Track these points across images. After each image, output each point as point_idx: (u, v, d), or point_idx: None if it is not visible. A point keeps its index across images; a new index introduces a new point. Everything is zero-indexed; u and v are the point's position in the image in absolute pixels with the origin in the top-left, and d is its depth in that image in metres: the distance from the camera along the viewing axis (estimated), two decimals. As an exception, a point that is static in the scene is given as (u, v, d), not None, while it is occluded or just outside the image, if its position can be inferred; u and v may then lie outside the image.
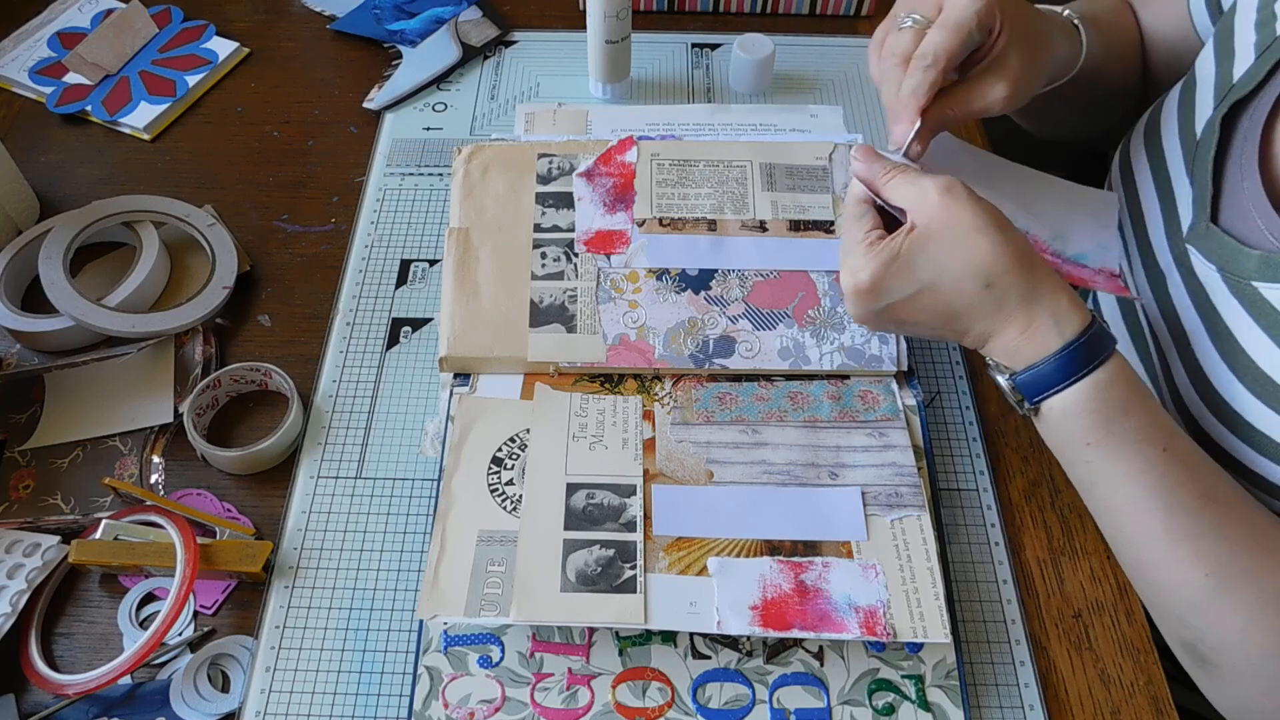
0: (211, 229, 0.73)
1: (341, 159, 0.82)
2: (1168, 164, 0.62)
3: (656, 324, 0.65)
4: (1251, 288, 0.53)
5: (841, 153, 0.72)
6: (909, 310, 0.54)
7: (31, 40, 0.89)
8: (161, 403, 0.66)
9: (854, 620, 0.52)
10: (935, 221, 0.51)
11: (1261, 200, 0.54)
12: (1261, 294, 0.52)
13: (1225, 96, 0.58)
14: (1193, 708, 0.69)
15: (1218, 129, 0.57)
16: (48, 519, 0.61)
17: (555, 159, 0.72)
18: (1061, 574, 0.60)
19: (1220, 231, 0.55)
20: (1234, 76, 0.58)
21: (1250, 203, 0.55)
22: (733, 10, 0.93)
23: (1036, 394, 0.52)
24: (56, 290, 0.67)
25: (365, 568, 0.59)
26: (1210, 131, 0.57)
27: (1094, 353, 0.50)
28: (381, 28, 0.91)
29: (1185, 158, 0.60)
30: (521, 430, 0.61)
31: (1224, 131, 0.57)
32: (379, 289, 0.72)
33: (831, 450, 0.60)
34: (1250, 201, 0.55)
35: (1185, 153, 0.60)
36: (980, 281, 0.51)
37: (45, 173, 0.80)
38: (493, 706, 0.53)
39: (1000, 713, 0.54)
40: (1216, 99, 0.59)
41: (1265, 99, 0.56)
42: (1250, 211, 0.54)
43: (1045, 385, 0.51)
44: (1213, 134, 0.57)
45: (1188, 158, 0.60)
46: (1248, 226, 0.54)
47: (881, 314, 0.55)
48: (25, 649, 0.56)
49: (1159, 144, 0.63)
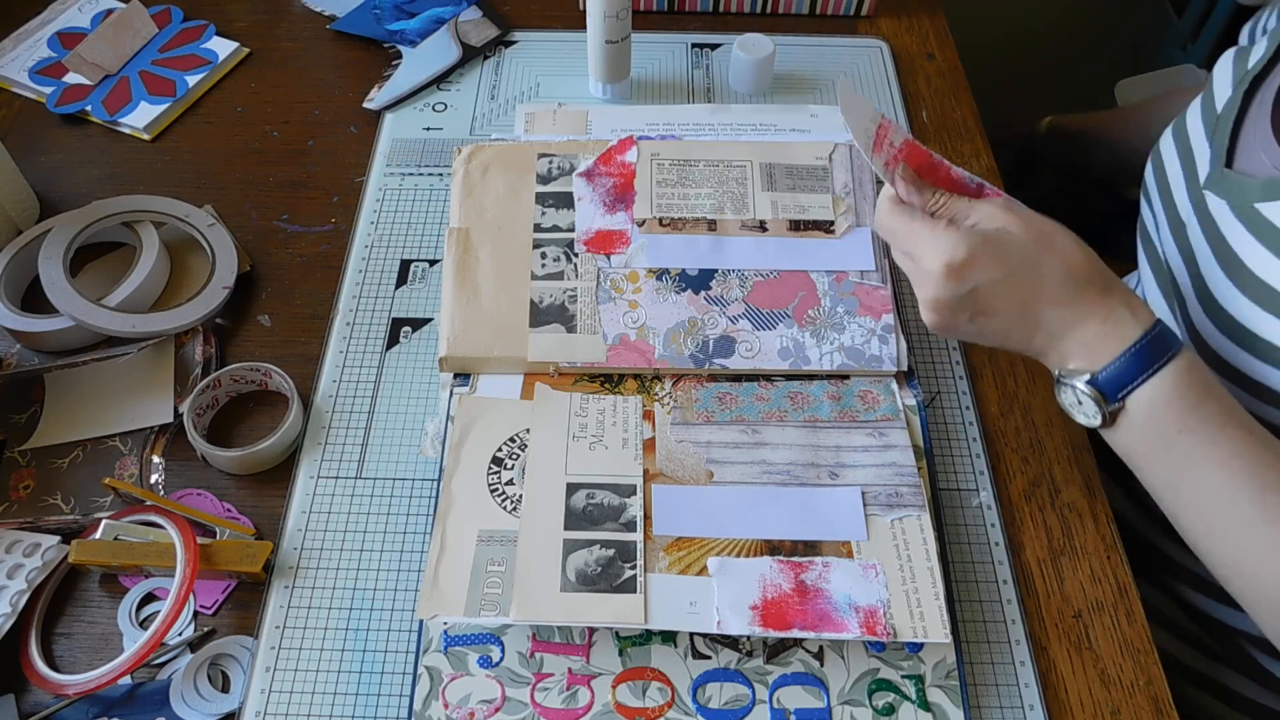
0: (211, 229, 0.73)
1: (341, 159, 0.82)
2: (1191, 140, 0.65)
3: (656, 324, 0.65)
4: (1254, 209, 0.55)
5: (841, 153, 0.72)
6: (991, 298, 0.52)
7: (31, 40, 0.89)
8: (161, 403, 0.66)
9: (854, 620, 0.52)
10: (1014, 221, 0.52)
11: (1269, 141, 0.57)
12: (1262, 214, 0.55)
13: (1243, 78, 0.61)
14: (1190, 710, 0.69)
15: (1239, 101, 0.60)
16: (48, 519, 0.61)
17: (555, 159, 0.72)
18: (1061, 574, 0.60)
19: (1232, 173, 0.59)
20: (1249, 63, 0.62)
21: (1260, 147, 0.57)
22: (733, 10, 0.93)
23: (1121, 389, 0.51)
24: (56, 290, 0.67)
25: (365, 568, 0.59)
26: (1231, 105, 0.61)
27: (1170, 340, 0.51)
28: (381, 28, 0.91)
29: (1206, 129, 0.63)
30: (521, 430, 0.61)
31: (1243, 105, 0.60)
32: (379, 289, 0.72)
33: (831, 450, 0.60)
34: (1261, 146, 0.57)
35: (1207, 127, 0.63)
36: (1063, 269, 0.51)
37: (45, 173, 0.80)
38: (493, 706, 0.53)
39: (1000, 713, 0.54)
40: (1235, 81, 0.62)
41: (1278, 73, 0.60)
42: (1259, 154, 0.57)
43: (1131, 376, 0.50)
44: (1233, 106, 0.61)
45: (1209, 130, 0.63)
46: (1256, 166, 0.57)
47: (963, 300, 0.53)
48: (25, 649, 0.56)
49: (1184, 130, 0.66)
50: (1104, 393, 0.51)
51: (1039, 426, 0.66)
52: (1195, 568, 0.69)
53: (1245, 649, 0.68)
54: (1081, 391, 0.52)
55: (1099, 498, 0.63)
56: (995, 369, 0.69)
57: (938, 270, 0.52)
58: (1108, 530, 0.62)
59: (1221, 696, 0.71)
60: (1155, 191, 0.69)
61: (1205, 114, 0.64)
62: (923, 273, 0.53)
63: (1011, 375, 0.69)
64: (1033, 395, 0.68)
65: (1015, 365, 0.69)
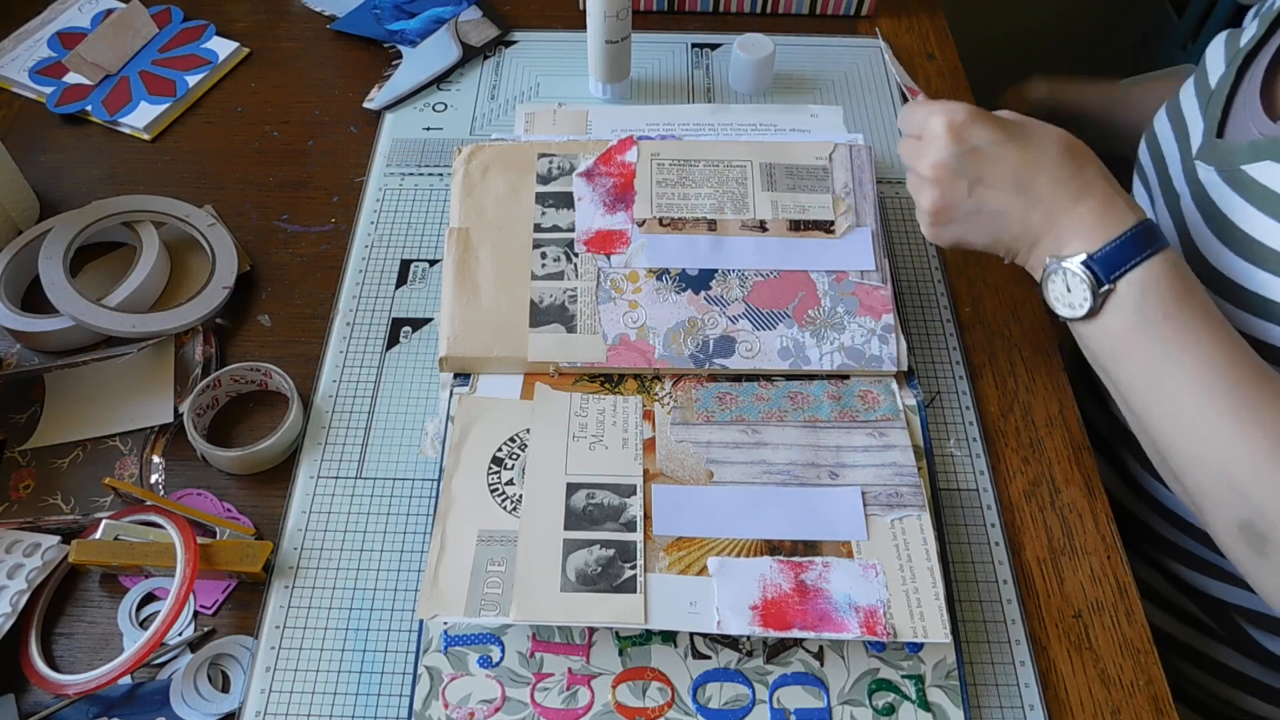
0: (211, 229, 0.73)
1: (341, 159, 0.82)
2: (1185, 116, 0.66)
3: (656, 324, 0.65)
4: (1241, 171, 0.57)
5: (841, 153, 0.72)
6: (991, 163, 0.53)
7: (31, 40, 0.89)
8: (161, 403, 0.66)
9: (854, 620, 0.52)
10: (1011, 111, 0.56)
11: (1258, 112, 0.58)
12: (1247, 173, 0.56)
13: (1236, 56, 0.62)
14: (1180, 683, 0.70)
15: (1232, 77, 0.61)
16: (48, 519, 0.61)
17: (555, 159, 0.72)
18: (1061, 574, 0.60)
19: (1222, 142, 0.60)
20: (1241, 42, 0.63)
21: (1249, 118, 0.58)
22: (733, 10, 0.93)
23: (1116, 269, 0.51)
24: (56, 290, 0.67)
25: (365, 568, 0.59)
26: (1224, 81, 0.62)
27: (1159, 233, 0.52)
28: (381, 28, 0.91)
29: (1200, 104, 0.64)
30: (521, 430, 0.61)
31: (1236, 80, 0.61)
32: (379, 289, 0.72)
33: (832, 450, 0.60)
34: (1250, 117, 0.58)
35: (1200, 101, 0.64)
36: (1061, 144, 0.54)
37: (45, 173, 0.80)
38: (493, 706, 0.53)
39: (1000, 713, 0.54)
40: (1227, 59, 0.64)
41: (1267, 50, 0.60)
42: (1248, 123, 0.58)
43: (1127, 258, 0.51)
44: (1226, 82, 0.62)
45: (1202, 104, 0.64)
46: (1244, 134, 0.59)
47: (964, 162, 0.54)
48: (25, 649, 0.56)
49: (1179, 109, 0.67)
50: (1097, 274, 0.52)
51: (1039, 426, 0.66)
52: (1184, 543, 0.69)
53: (1236, 622, 0.68)
54: (1074, 274, 0.52)
55: (1099, 498, 0.63)
56: (995, 369, 0.69)
57: (941, 129, 0.54)
58: (1108, 530, 0.62)
59: (1211, 670, 0.71)
60: (1150, 167, 0.70)
61: (1199, 91, 0.66)
62: (927, 139, 0.55)
63: (1011, 375, 0.69)
64: (1032, 395, 0.68)
65: (1015, 365, 0.69)
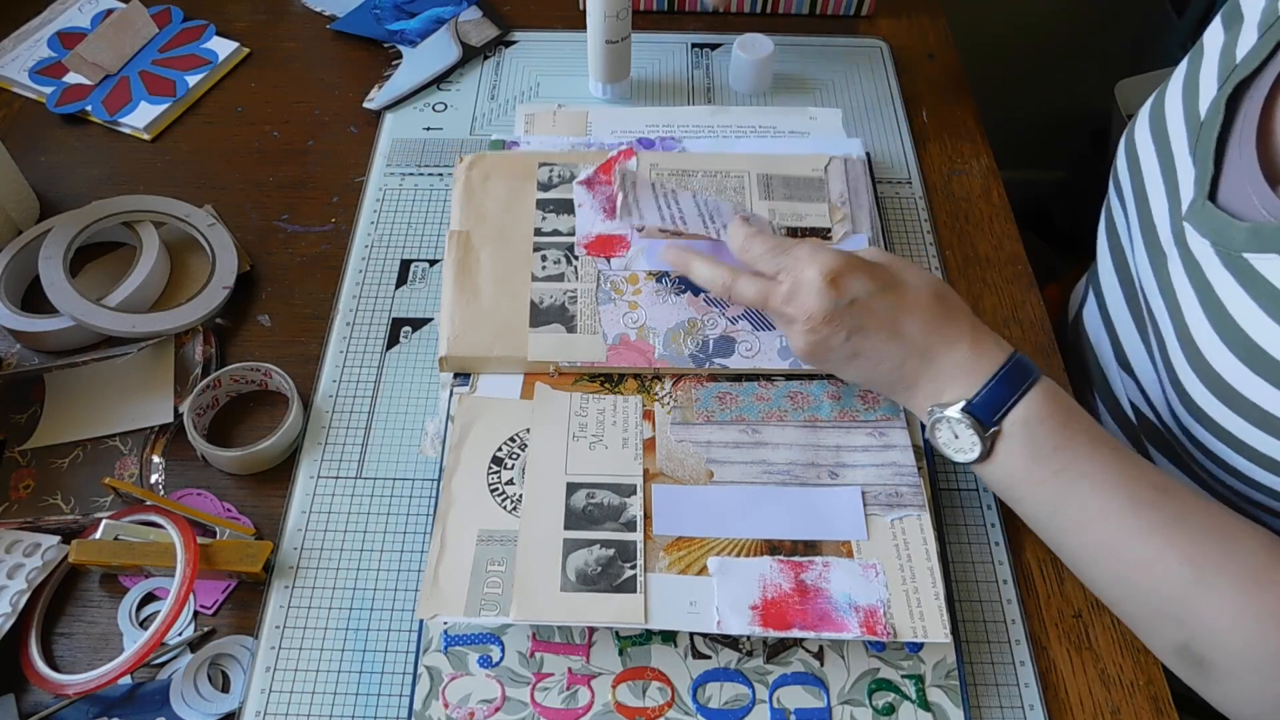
0: (211, 229, 0.73)
1: (341, 159, 0.82)
2: (1172, 146, 0.61)
3: (656, 324, 0.65)
4: (1242, 259, 0.52)
5: (836, 165, 0.72)
6: (868, 314, 0.54)
7: (31, 40, 0.89)
8: (161, 403, 0.66)
9: (854, 620, 0.53)
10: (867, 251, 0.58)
11: (1256, 175, 0.53)
12: (1251, 264, 0.52)
13: (1229, 77, 0.57)
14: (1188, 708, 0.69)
15: (1222, 109, 0.56)
16: (48, 519, 0.61)
17: (555, 167, 0.72)
18: (1061, 574, 0.60)
19: (1215, 208, 0.55)
20: (1237, 55, 0.57)
21: (1246, 179, 0.54)
22: (733, 10, 0.93)
23: (997, 411, 0.52)
24: (56, 290, 0.67)
25: (365, 568, 0.59)
26: (1215, 112, 0.57)
27: (1030, 365, 0.54)
28: (381, 28, 0.91)
29: (1189, 138, 0.59)
30: (521, 430, 0.61)
31: (1228, 111, 0.56)
32: (379, 289, 0.72)
33: (831, 450, 0.60)
34: (1246, 177, 0.54)
35: (1189, 133, 0.59)
36: (931, 290, 0.55)
37: (45, 173, 0.80)
38: (493, 706, 0.53)
39: (1000, 713, 0.54)
40: (1220, 78, 0.58)
41: (1266, 77, 0.55)
42: (1245, 188, 0.54)
43: (1005, 397, 0.52)
44: (1217, 114, 0.56)
45: (1191, 138, 0.59)
46: (1243, 203, 0.54)
47: (842, 314, 0.54)
48: (25, 649, 0.56)
49: (1164, 126, 0.62)
50: (980, 418, 0.53)
51: (1039, 426, 0.66)
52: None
53: None
54: (957, 421, 0.53)
55: (1099, 498, 0.63)
56: (995, 369, 0.69)
57: (817, 280, 0.54)
58: (1108, 530, 0.62)
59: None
60: (1130, 193, 0.65)
61: (1187, 108, 0.59)
62: (800, 287, 0.55)
63: (1011, 375, 0.69)
64: (1033, 395, 0.68)
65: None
